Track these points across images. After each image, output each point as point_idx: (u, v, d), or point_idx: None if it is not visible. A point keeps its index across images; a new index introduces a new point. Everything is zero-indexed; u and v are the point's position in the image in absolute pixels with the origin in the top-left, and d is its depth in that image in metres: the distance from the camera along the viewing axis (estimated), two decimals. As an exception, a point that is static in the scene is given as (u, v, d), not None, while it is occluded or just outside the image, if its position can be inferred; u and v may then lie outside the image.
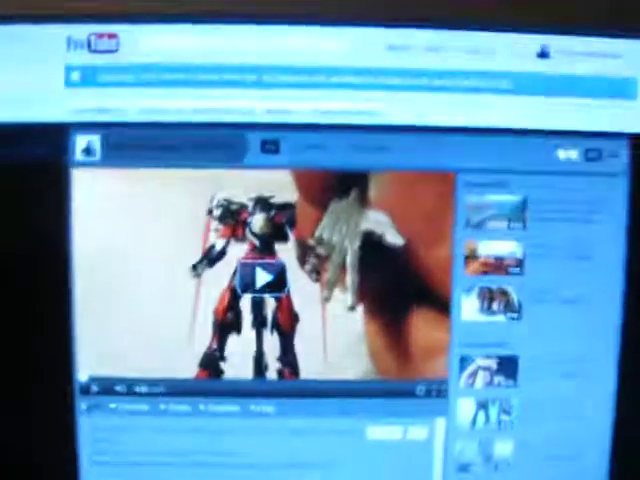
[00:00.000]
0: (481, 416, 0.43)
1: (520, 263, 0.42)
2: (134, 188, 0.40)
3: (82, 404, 0.42)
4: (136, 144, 0.40)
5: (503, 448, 0.43)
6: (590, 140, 0.41)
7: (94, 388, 0.42)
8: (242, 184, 0.40)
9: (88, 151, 0.40)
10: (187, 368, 0.42)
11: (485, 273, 0.42)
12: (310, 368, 0.42)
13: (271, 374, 0.42)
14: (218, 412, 0.42)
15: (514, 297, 0.42)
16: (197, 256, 0.41)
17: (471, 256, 0.41)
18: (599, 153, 0.42)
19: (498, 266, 0.42)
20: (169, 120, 0.40)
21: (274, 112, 0.40)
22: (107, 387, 0.42)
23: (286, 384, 0.42)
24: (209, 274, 0.41)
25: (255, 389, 0.42)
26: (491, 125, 0.41)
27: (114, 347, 0.42)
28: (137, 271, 0.41)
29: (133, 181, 0.40)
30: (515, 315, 0.42)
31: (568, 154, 0.41)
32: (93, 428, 0.42)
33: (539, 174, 0.41)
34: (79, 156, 0.40)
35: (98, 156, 0.40)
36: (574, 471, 0.44)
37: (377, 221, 0.41)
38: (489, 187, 0.41)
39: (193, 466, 0.43)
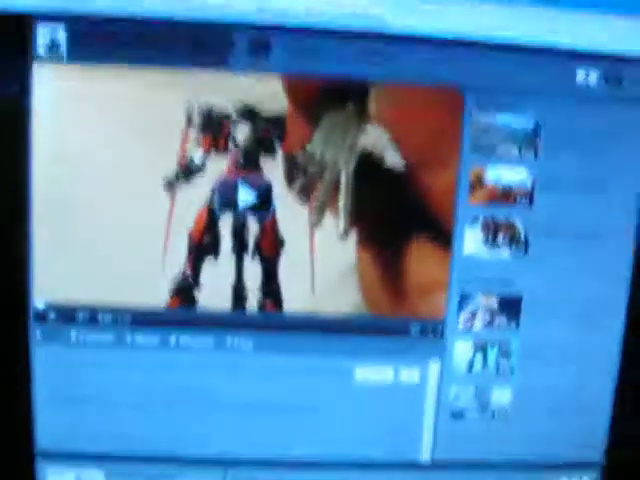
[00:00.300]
0: (478, 360, 0.39)
1: (529, 194, 0.38)
2: (103, 89, 0.36)
3: (37, 332, 0.37)
4: (107, 39, 0.35)
5: (501, 395, 0.40)
6: (611, 63, 0.38)
7: (52, 315, 0.37)
8: (226, 90, 0.36)
9: (52, 45, 0.35)
10: (157, 296, 0.37)
11: (491, 203, 0.38)
12: (294, 300, 0.38)
13: (251, 305, 0.38)
14: (191, 346, 0.38)
15: (521, 230, 0.38)
16: (172, 169, 0.36)
17: (477, 183, 0.38)
18: (620, 77, 0.38)
19: (506, 196, 0.38)
20: (146, 12, 0.35)
21: (266, 11, 0.36)
22: (67, 315, 0.37)
23: (267, 317, 0.38)
24: (185, 190, 0.37)
25: (233, 321, 0.38)
26: (506, 39, 0.37)
27: (75, 270, 0.37)
28: (103, 184, 0.36)
29: (102, 81, 0.36)
30: (521, 250, 0.38)
31: (587, 77, 0.38)
32: (50, 361, 0.38)
33: (554, 97, 0.38)
34: (41, 51, 0.35)
35: (63, 51, 0.35)
36: (575, 423, 0.41)
37: (376, 139, 0.36)
38: (500, 108, 0.37)
39: (162, 407, 0.39)
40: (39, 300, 0.37)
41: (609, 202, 0.39)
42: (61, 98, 0.36)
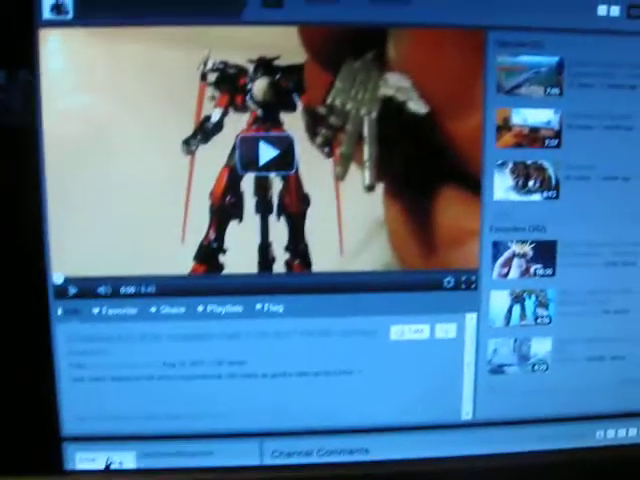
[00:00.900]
0: (516, 311, 0.38)
1: (557, 134, 0.37)
2: (113, 51, 0.34)
3: (58, 309, 0.36)
4: (114, -2, 0.34)
5: (540, 347, 0.39)
6: (633, -5, 0.37)
7: (72, 290, 0.36)
8: (241, 44, 0.35)
9: (58, 7, 0.34)
10: (181, 263, 0.36)
11: (519, 146, 0.37)
12: (323, 259, 0.36)
13: (279, 267, 0.36)
14: (218, 314, 0.37)
15: (551, 173, 0.37)
16: (189, 129, 0.35)
17: (504, 126, 0.36)
18: (642, 10, 0.37)
19: (533, 138, 0.37)
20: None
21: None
22: (87, 289, 0.36)
23: (296, 279, 0.37)
24: (204, 150, 0.35)
25: (261, 285, 0.36)
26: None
27: (94, 242, 0.36)
28: (119, 149, 0.35)
29: (112, 42, 0.34)
30: (553, 194, 0.37)
31: (609, 10, 0.37)
32: (72, 337, 0.36)
33: (577, 32, 0.36)
34: (47, 14, 0.34)
35: (70, 13, 0.34)
36: (616, 373, 0.39)
37: (398, 85, 0.35)
38: (523, 47, 0.36)
39: (191, 379, 0.37)
40: (58, 275, 0.36)
41: (638, 139, 0.37)
42: (70, 63, 0.34)
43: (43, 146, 0.35)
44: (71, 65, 0.34)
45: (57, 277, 0.36)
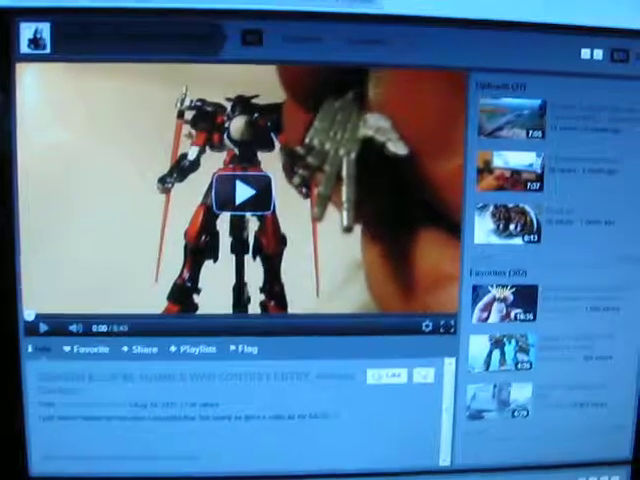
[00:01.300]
0: (496, 355, 0.37)
1: (539, 178, 0.36)
2: (90, 86, 0.34)
3: (28, 346, 0.35)
4: (93, 33, 0.34)
5: (521, 392, 0.38)
6: (617, 39, 0.36)
7: (43, 327, 0.35)
8: (219, 82, 0.34)
9: (36, 42, 0.34)
10: (154, 302, 0.35)
11: (500, 189, 0.36)
12: (299, 301, 0.36)
13: (254, 308, 0.36)
14: (192, 354, 0.36)
15: (532, 217, 0.36)
16: (165, 167, 0.35)
17: (485, 169, 0.36)
18: (626, 54, 0.37)
19: (515, 181, 0.36)
20: (133, 4, 0.34)
21: (257, -1, 0.34)
22: (58, 326, 0.35)
23: (271, 320, 0.36)
24: (180, 189, 0.35)
25: (235, 326, 0.36)
26: (507, 18, 0.35)
27: (66, 279, 0.35)
28: (93, 186, 0.35)
29: (89, 77, 0.34)
30: (534, 238, 0.37)
31: (592, 53, 0.36)
32: (42, 375, 0.36)
33: (560, 75, 0.36)
34: (25, 48, 0.34)
35: (47, 47, 0.34)
36: (598, 419, 0.39)
37: (377, 126, 0.35)
38: (505, 89, 0.36)
39: (163, 420, 0.36)
40: (29, 311, 0.35)
41: (623, 184, 0.37)
42: (46, 97, 0.34)
43: (17, 181, 0.34)
44: (47, 100, 0.34)
45: (28, 314, 0.35)
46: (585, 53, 0.36)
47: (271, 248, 0.35)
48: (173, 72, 0.34)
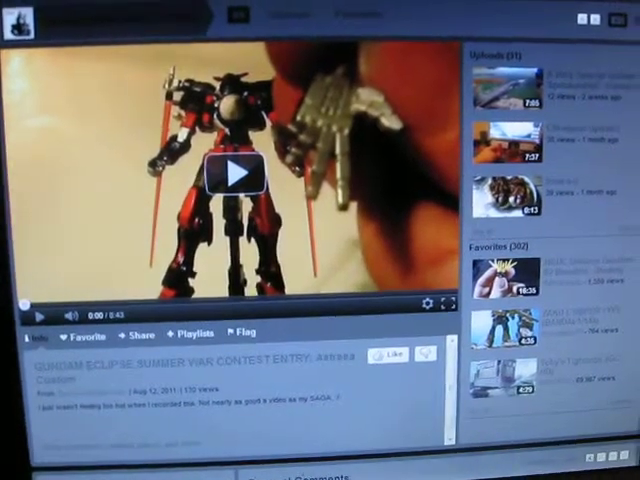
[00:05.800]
0: (499, 331, 0.37)
1: (538, 148, 0.36)
2: (76, 70, 0.34)
3: (25, 336, 0.35)
4: (77, 17, 0.33)
5: (525, 368, 0.37)
6: (614, 3, 0.35)
7: (39, 317, 0.35)
8: (207, 61, 0.34)
9: (19, 27, 0.33)
10: (149, 288, 0.35)
11: (498, 160, 0.35)
12: (296, 281, 0.35)
13: (250, 290, 0.35)
14: (189, 339, 0.35)
15: (532, 188, 0.36)
16: (155, 150, 0.34)
17: (481, 141, 0.35)
18: (624, 18, 0.36)
19: (513, 152, 0.35)
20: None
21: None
22: (54, 315, 0.35)
23: (269, 302, 0.35)
24: (171, 171, 0.34)
25: (232, 309, 0.35)
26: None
27: (60, 267, 0.35)
28: (83, 171, 0.34)
29: (75, 62, 0.33)
30: (534, 210, 0.36)
31: (590, 19, 0.35)
32: (40, 364, 0.35)
33: (556, 42, 0.35)
34: (8, 34, 0.33)
35: (31, 33, 0.33)
36: (605, 394, 0.38)
37: (370, 100, 0.34)
38: (500, 58, 0.35)
39: (162, 406, 0.36)
40: (24, 301, 0.35)
41: (624, 152, 0.36)
42: (33, 82, 0.34)
43: (6, 169, 0.34)
44: (34, 85, 0.34)
45: (23, 304, 0.35)
46: (582, 18, 0.35)
47: (266, 229, 0.35)
48: (160, 53, 0.33)
